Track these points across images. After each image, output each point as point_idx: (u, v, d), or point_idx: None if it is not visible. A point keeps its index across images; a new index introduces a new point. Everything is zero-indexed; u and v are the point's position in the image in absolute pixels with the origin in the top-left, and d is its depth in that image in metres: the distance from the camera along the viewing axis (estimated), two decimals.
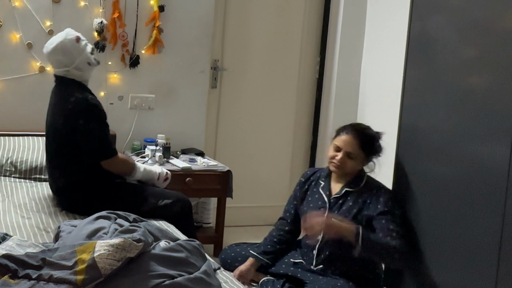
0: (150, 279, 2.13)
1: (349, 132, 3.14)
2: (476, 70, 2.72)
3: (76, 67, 3.23)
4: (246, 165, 4.70)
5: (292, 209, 3.33)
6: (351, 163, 3.11)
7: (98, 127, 3.19)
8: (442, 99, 2.87)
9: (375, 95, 4.53)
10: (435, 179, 2.91)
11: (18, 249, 2.36)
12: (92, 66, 3.30)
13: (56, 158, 3.26)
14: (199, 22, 4.33)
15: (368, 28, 4.63)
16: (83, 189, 3.20)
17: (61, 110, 3.19)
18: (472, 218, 2.69)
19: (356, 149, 3.10)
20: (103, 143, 3.21)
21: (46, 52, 3.27)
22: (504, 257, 2.54)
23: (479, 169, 2.66)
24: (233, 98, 4.67)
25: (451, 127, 2.82)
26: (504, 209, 2.53)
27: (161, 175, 3.43)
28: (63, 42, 3.22)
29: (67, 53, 3.21)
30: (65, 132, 3.17)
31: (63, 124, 3.17)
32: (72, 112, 3.14)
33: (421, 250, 2.97)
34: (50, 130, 3.28)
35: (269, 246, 3.26)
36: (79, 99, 3.16)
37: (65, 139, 3.18)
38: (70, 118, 3.14)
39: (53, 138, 3.25)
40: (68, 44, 3.22)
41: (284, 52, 4.78)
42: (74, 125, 3.14)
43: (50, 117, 3.30)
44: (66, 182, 3.21)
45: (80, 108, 3.14)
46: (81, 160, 3.19)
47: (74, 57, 3.22)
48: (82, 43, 3.27)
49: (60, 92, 3.25)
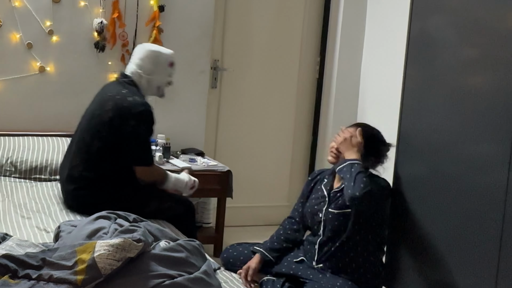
0: (150, 279, 2.14)
1: (354, 125, 3.22)
2: (476, 70, 2.72)
3: (149, 79, 3.33)
4: (246, 165, 4.70)
5: (300, 207, 3.34)
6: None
7: (145, 133, 3.24)
8: (442, 99, 2.87)
9: (375, 95, 4.53)
10: (435, 179, 2.91)
11: (18, 249, 2.36)
12: (159, 91, 3.42)
13: (86, 150, 3.23)
14: (199, 22, 4.33)
15: (368, 28, 4.63)
16: (101, 186, 3.20)
17: (115, 104, 3.21)
18: (472, 218, 2.69)
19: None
20: (146, 149, 3.26)
21: (142, 49, 3.38)
22: (504, 257, 2.54)
23: (479, 169, 2.66)
24: (233, 98, 4.68)
25: (451, 127, 2.81)
26: (504, 209, 2.53)
27: (188, 183, 3.46)
28: (161, 55, 3.37)
29: (155, 64, 3.34)
30: (109, 127, 3.18)
31: (112, 119, 3.18)
32: (126, 110, 3.18)
33: (421, 250, 2.97)
34: (90, 120, 3.28)
35: (276, 244, 3.26)
36: (137, 101, 3.22)
37: (105, 133, 3.19)
38: (123, 115, 3.17)
39: (90, 129, 3.24)
40: (162, 59, 3.36)
41: (284, 52, 4.78)
42: (124, 123, 3.16)
43: (95, 107, 3.31)
44: (87, 177, 3.20)
45: (136, 110, 3.18)
46: (111, 158, 3.20)
47: (157, 72, 3.35)
48: (171, 70, 3.41)
49: (119, 88, 3.30)
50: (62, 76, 4.07)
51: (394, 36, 4.20)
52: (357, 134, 3.12)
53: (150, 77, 3.34)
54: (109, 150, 3.20)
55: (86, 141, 3.23)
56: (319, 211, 3.15)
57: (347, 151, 3.08)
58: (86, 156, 3.22)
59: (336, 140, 3.16)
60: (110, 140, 3.20)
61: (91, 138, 3.22)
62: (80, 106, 4.08)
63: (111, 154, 3.20)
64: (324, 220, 3.12)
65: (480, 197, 2.65)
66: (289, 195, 4.90)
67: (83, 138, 3.26)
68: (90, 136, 3.23)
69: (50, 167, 3.68)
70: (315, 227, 3.17)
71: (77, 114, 4.07)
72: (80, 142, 3.27)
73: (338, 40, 4.68)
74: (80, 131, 3.33)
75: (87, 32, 4.07)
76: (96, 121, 3.24)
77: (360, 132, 3.13)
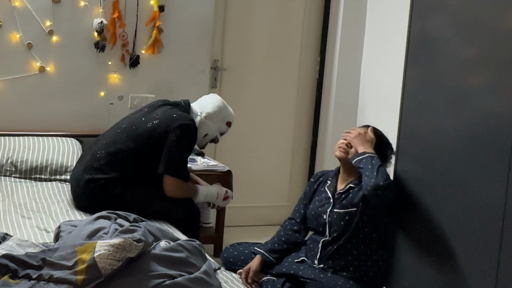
0: (150, 279, 2.13)
1: (362, 127, 3.26)
2: (476, 70, 2.72)
3: (203, 122, 3.39)
4: (246, 165, 4.70)
5: (302, 209, 3.34)
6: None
7: (186, 147, 3.27)
8: (442, 99, 2.87)
9: (375, 95, 4.53)
10: (435, 179, 2.91)
11: (18, 249, 2.35)
12: (204, 140, 3.47)
13: (117, 147, 3.25)
14: (199, 22, 4.33)
15: (368, 28, 4.63)
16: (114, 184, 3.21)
17: (165, 113, 3.27)
18: (472, 218, 2.69)
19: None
20: (182, 163, 3.29)
21: (214, 96, 3.51)
22: (504, 257, 2.54)
23: (479, 169, 2.66)
24: (233, 98, 4.66)
25: (451, 127, 2.82)
26: (504, 209, 2.53)
27: (220, 194, 3.51)
28: (227, 111, 3.48)
29: (217, 114, 3.42)
30: (151, 132, 3.22)
31: (157, 126, 3.22)
32: (175, 121, 3.22)
33: (421, 250, 2.97)
34: (132, 122, 3.32)
35: (276, 245, 3.26)
36: (185, 117, 3.29)
37: (145, 137, 3.22)
38: (169, 124, 3.21)
39: (130, 130, 3.27)
40: (225, 114, 3.47)
41: (284, 52, 4.78)
42: (168, 131, 3.19)
43: (142, 113, 3.36)
44: (106, 171, 3.21)
45: (183, 123, 3.23)
46: (137, 163, 3.23)
47: (213, 120, 3.42)
48: (225, 129, 3.53)
49: (171, 105, 3.37)
50: (62, 76, 4.07)
51: (394, 36, 4.20)
52: (369, 132, 3.16)
53: (206, 121, 3.40)
54: (140, 154, 3.23)
55: (121, 140, 3.26)
56: (324, 213, 3.15)
57: (362, 145, 3.11)
58: (114, 152, 3.25)
59: (348, 136, 3.18)
60: (147, 144, 3.22)
61: (127, 139, 3.25)
62: (80, 106, 4.11)
63: (139, 159, 3.23)
64: (330, 221, 3.12)
65: (480, 197, 2.65)
66: (289, 195, 4.90)
67: (118, 136, 3.29)
68: (128, 136, 3.26)
69: (50, 167, 3.68)
70: (320, 228, 3.16)
71: (77, 114, 4.11)
72: (113, 138, 3.30)
73: (338, 40, 4.67)
74: (117, 128, 3.36)
75: (87, 32, 4.06)
76: (139, 125, 3.27)
77: (371, 130, 3.17)
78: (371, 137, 3.15)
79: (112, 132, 3.36)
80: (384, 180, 2.93)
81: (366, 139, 3.13)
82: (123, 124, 3.38)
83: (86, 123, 4.10)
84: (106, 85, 4.16)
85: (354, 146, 3.13)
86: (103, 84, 4.15)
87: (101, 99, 4.15)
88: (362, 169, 3.02)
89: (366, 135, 3.15)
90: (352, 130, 3.20)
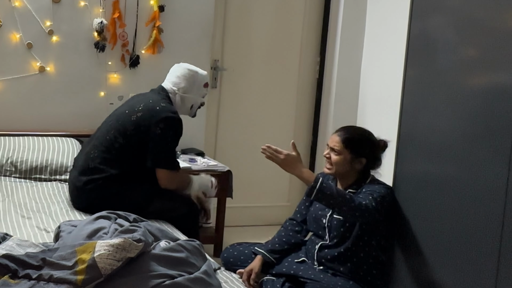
0: (150, 279, 2.14)
1: (338, 131, 3.18)
2: (476, 70, 2.72)
3: (183, 97, 3.41)
4: (246, 165, 4.70)
5: (304, 210, 3.33)
6: (336, 159, 3.10)
7: (172, 138, 3.28)
8: (442, 99, 2.87)
9: (375, 95, 4.53)
10: (435, 179, 2.91)
11: (18, 249, 2.36)
12: (192, 110, 3.50)
13: (108, 145, 3.26)
14: (199, 22, 4.33)
15: (368, 28, 4.63)
16: (112, 182, 3.22)
17: (147, 106, 3.28)
18: (472, 218, 2.69)
19: (339, 145, 3.09)
20: (171, 154, 3.29)
21: (179, 67, 3.47)
22: (504, 257, 2.54)
23: (478, 168, 2.66)
24: (233, 98, 4.68)
25: (451, 127, 2.82)
26: (504, 209, 2.53)
27: (213, 182, 3.54)
28: (198, 75, 3.46)
29: (191, 83, 3.43)
30: (137, 126, 3.23)
31: (141, 119, 3.24)
32: (157, 114, 3.23)
33: (421, 250, 2.97)
34: (118, 118, 3.33)
35: (277, 245, 3.26)
36: (169, 108, 3.30)
37: (131, 131, 3.24)
38: (153, 117, 3.22)
39: (117, 126, 3.28)
40: (198, 79, 3.45)
41: (284, 52, 4.78)
42: (152, 125, 3.21)
43: (126, 108, 3.37)
44: (102, 170, 3.23)
45: (167, 115, 3.24)
46: (130, 158, 3.24)
47: (192, 91, 3.43)
48: (205, 91, 3.52)
49: (154, 95, 3.38)
50: (62, 76, 4.07)
51: (394, 36, 4.20)
52: (292, 149, 2.99)
53: (185, 95, 3.42)
54: (131, 148, 3.25)
55: (110, 137, 3.28)
56: (323, 217, 3.14)
57: (294, 170, 2.97)
58: (107, 150, 3.26)
59: (276, 160, 2.99)
60: (135, 139, 3.24)
61: (116, 135, 3.27)
62: (80, 106, 4.12)
63: (132, 154, 3.25)
64: (329, 226, 3.11)
65: (480, 197, 2.65)
66: (289, 195, 4.91)
67: (107, 133, 3.30)
68: (116, 132, 3.27)
69: (50, 167, 3.68)
70: (320, 232, 3.16)
71: (77, 114, 4.11)
72: (103, 137, 3.31)
73: (338, 40, 4.67)
74: (105, 127, 3.38)
75: (87, 32, 4.06)
76: (124, 119, 3.29)
77: (293, 146, 3.01)
78: (292, 157, 2.96)
79: (101, 131, 3.38)
80: (356, 217, 2.90)
81: (295, 160, 2.97)
82: (110, 121, 3.40)
83: (86, 123, 4.10)
84: (106, 85, 4.16)
85: (287, 171, 3.00)
86: (103, 84, 4.15)
87: (101, 99, 4.15)
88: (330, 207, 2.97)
89: (289, 156, 2.95)
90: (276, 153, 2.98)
